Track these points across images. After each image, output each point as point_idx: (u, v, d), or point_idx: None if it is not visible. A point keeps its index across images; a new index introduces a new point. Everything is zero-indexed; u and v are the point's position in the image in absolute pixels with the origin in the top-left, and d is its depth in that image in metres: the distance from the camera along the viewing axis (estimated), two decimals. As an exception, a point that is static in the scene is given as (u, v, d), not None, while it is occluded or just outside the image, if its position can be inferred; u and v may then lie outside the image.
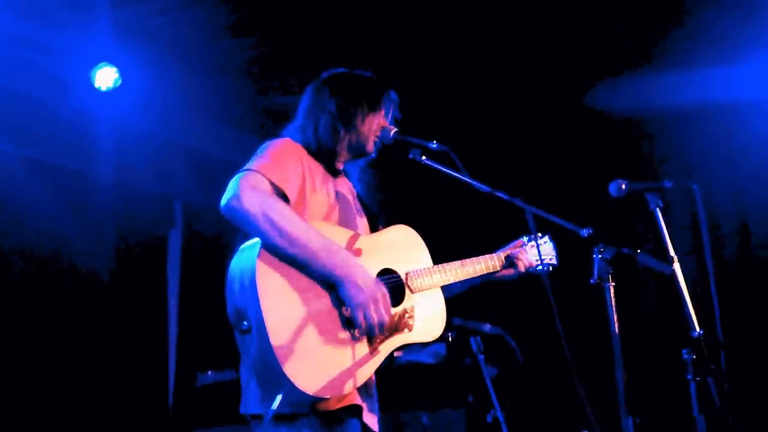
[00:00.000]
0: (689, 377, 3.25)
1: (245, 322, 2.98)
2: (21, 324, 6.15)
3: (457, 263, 3.61)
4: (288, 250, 3.00)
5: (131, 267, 7.05)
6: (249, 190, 3.03)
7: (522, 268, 3.80)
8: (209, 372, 6.20)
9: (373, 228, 3.61)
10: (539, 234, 3.95)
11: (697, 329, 3.11)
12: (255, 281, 2.93)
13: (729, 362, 3.30)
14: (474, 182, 3.42)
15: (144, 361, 6.97)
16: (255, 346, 2.96)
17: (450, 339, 4.92)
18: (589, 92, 6.90)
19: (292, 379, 2.88)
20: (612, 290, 3.12)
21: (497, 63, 6.77)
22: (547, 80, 6.94)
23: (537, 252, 3.83)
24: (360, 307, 3.04)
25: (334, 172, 3.51)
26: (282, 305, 2.96)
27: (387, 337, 3.20)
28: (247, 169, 3.12)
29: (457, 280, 3.58)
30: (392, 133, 3.50)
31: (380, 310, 3.07)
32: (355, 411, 3.19)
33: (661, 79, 6.65)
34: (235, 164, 3.26)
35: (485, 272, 3.74)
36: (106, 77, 6.20)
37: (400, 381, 6.36)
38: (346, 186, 3.59)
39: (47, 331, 6.30)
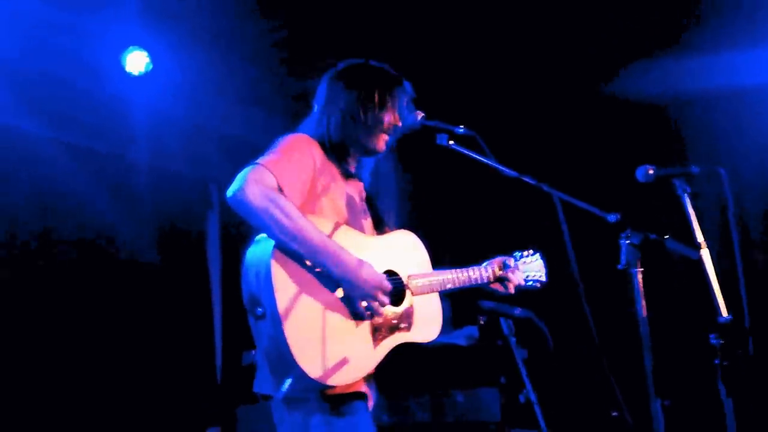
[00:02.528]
0: (717, 361, 3.25)
1: (259, 309, 3.07)
2: (68, 309, 6.26)
3: (454, 270, 3.69)
4: (289, 245, 3.07)
5: (172, 249, 7.16)
6: (254, 184, 3.09)
7: (511, 289, 3.91)
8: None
9: (378, 230, 3.67)
10: (530, 251, 4.08)
11: (725, 314, 3.11)
12: (270, 271, 3.03)
13: (756, 347, 3.30)
14: (501, 167, 3.43)
15: (191, 341, 7.10)
16: (268, 333, 3.05)
17: (482, 322, 4.97)
18: (617, 76, 6.86)
19: (302, 366, 2.98)
20: (640, 275, 3.13)
21: (525, 48, 6.75)
22: (574, 65, 6.91)
23: (525, 269, 4.00)
24: (360, 298, 3.16)
25: (345, 172, 3.54)
26: (295, 296, 3.05)
27: (388, 335, 3.30)
28: (256, 163, 3.19)
29: (453, 287, 3.66)
30: (419, 117, 3.53)
31: (380, 297, 3.20)
32: (361, 396, 3.29)
33: (688, 62, 6.59)
34: (265, 147, 3.30)
35: (479, 282, 3.81)
36: (137, 62, 6.25)
37: (436, 362, 6.45)
38: (356, 187, 3.63)
39: (95, 314, 6.41)
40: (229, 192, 3.13)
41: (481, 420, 6.58)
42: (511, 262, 3.97)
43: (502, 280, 3.89)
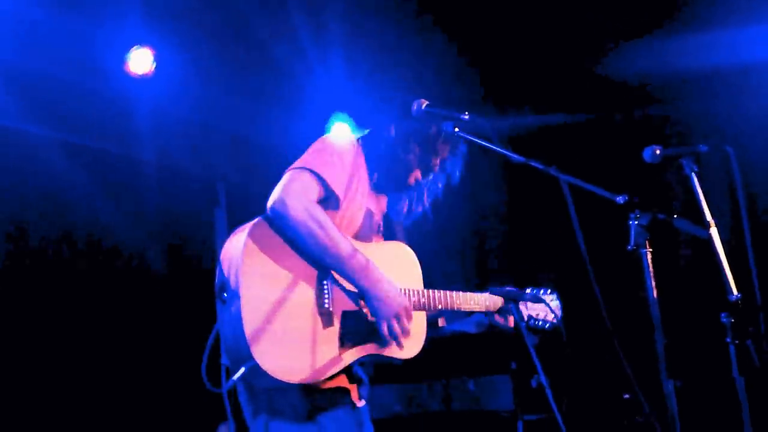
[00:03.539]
0: (728, 340, 3.25)
1: (225, 294, 3.10)
2: (76, 310, 6.29)
3: (448, 293, 3.66)
4: (324, 260, 3.15)
5: (180, 249, 7.17)
6: (295, 196, 3.14)
7: (512, 323, 3.91)
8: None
9: None
10: (548, 291, 4.06)
11: (735, 293, 3.11)
12: (241, 260, 3.04)
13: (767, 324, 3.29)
14: (508, 152, 3.41)
15: (199, 341, 7.07)
16: (229, 318, 3.07)
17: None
18: (623, 56, 6.83)
19: (255, 356, 2.98)
20: (649, 256, 3.12)
21: (529, 28, 6.72)
22: (578, 46, 6.88)
23: (535, 308, 3.99)
24: (383, 320, 3.21)
25: (377, 188, 3.59)
26: (261, 285, 3.07)
27: (359, 344, 3.29)
28: (302, 168, 3.22)
29: (444, 309, 3.63)
30: (424, 105, 3.48)
31: (403, 323, 3.25)
32: (344, 392, 3.29)
33: (692, 40, 6.55)
34: (270, 146, 3.33)
35: (477, 310, 3.80)
36: (142, 61, 6.24)
37: (446, 350, 6.46)
38: (378, 205, 3.65)
39: (103, 315, 6.45)
40: (270, 201, 3.16)
41: (494, 407, 6.59)
42: (527, 292, 3.98)
43: (502, 312, 3.89)
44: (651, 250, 3.12)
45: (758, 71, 6.70)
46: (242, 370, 3.01)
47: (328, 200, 3.26)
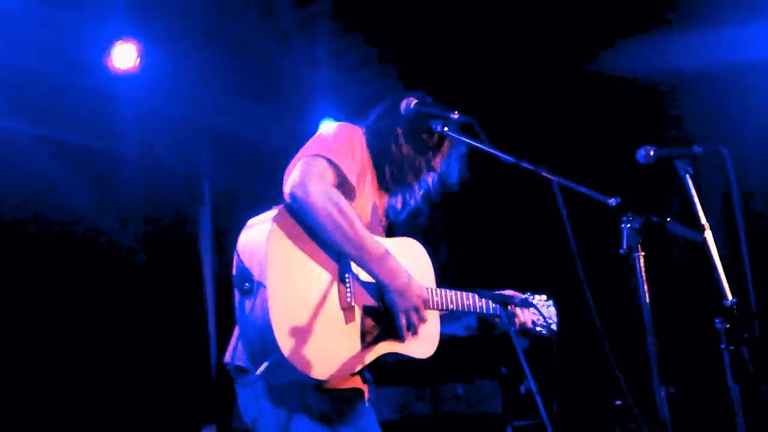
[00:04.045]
0: (722, 346, 3.19)
1: (247, 284, 2.99)
2: (60, 307, 6.25)
3: (459, 293, 3.62)
4: (343, 247, 3.07)
5: (164, 246, 7.12)
6: (315, 181, 3.06)
7: (517, 324, 3.85)
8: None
9: None
10: (543, 297, 4.05)
11: (730, 298, 3.06)
12: (267, 251, 2.96)
13: (762, 330, 3.24)
14: (498, 153, 3.34)
15: (185, 340, 7.08)
16: (253, 311, 2.97)
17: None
18: (615, 56, 6.79)
19: (283, 351, 2.90)
20: (642, 260, 3.06)
21: (518, 28, 6.68)
22: (569, 43, 6.84)
23: (537, 311, 3.95)
24: (401, 313, 3.19)
25: (381, 181, 3.56)
26: (287, 276, 3.00)
27: (379, 341, 3.25)
28: (317, 155, 3.14)
29: (456, 309, 3.60)
30: (413, 104, 3.44)
31: (421, 314, 3.25)
32: (359, 392, 3.28)
33: (688, 39, 6.51)
34: (258, 142, 3.26)
35: (483, 312, 3.77)
36: (124, 56, 6.17)
37: (435, 354, 6.40)
38: (381, 199, 3.63)
39: (86, 313, 6.40)
40: (287, 187, 3.08)
41: (483, 412, 6.55)
42: (528, 297, 3.96)
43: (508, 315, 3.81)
44: (644, 253, 3.06)
45: (756, 70, 6.65)
46: (265, 364, 2.94)
47: (342, 189, 3.17)
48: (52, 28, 5.81)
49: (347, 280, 3.17)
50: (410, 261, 3.43)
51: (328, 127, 3.40)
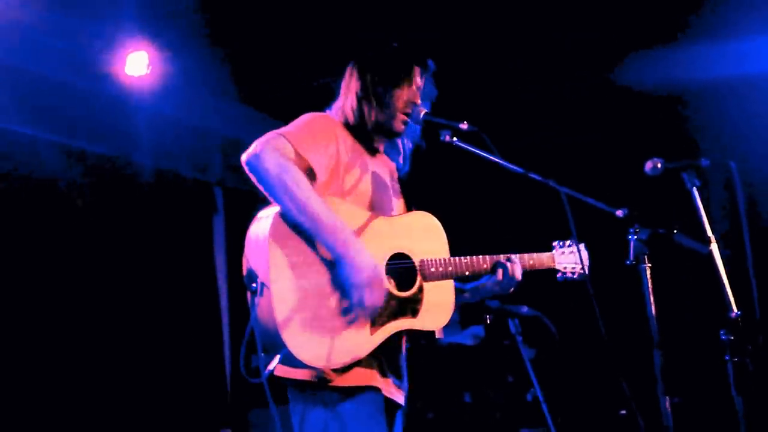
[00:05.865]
0: (727, 358, 3.21)
1: (254, 284, 3.05)
2: (77, 315, 6.26)
3: (474, 258, 3.59)
4: (297, 218, 3.07)
5: (178, 254, 7.13)
6: (270, 151, 3.10)
7: (518, 276, 3.72)
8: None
9: (409, 210, 3.62)
10: (567, 242, 3.93)
11: (735, 310, 3.07)
12: (267, 247, 3.03)
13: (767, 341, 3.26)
14: (507, 163, 3.37)
15: (200, 347, 7.10)
16: (259, 308, 3.04)
17: (488, 321, 4.93)
18: (623, 68, 6.80)
19: (288, 345, 2.97)
20: (648, 271, 3.09)
21: (529, 39, 6.69)
22: (579, 56, 6.85)
23: (568, 258, 3.89)
24: (354, 288, 3.09)
25: (372, 151, 3.53)
26: (289, 273, 3.04)
27: (389, 320, 3.24)
28: (276, 133, 3.19)
29: (471, 273, 3.57)
30: (422, 114, 3.47)
31: (373, 293, 3.11)
32: (375, 391, 3.26)
33: (696, 52, 6.51)
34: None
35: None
36: (138, 64, 6.21)
37: (442, 362, 6.42)
38: (384, 166, 3.60)
39: (104, 320, 6.41)
40: (244, 156, 3.13)
41: (489, 420, 6.56)
42: (556, 245, 3.95)
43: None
44: (650, 265, 3.08)
45: (764, 83, 6.66)
46: (277, 358, 3.01)
47: (303, 169, 3.15)
48: (66, 36, 5.83)
49: None
50: (421, 235, 3.45)
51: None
